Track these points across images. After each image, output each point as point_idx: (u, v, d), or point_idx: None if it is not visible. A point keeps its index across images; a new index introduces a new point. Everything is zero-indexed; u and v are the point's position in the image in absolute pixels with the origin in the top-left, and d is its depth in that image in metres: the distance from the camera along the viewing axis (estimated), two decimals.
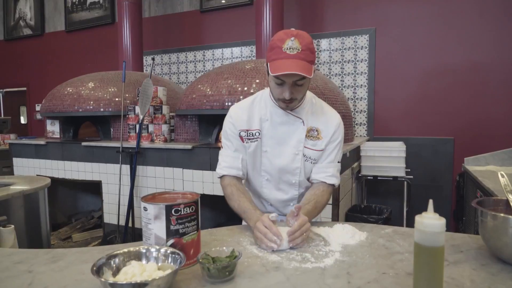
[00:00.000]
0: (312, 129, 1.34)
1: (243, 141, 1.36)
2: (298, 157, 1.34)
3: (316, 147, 1.34)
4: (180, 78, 4.96)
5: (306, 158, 1.35)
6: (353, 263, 0.97)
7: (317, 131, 1.34)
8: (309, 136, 1.34)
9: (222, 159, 1.39)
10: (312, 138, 1.34)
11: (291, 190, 1.41)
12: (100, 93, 3.61)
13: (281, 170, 1.36)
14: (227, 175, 1.36)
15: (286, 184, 1.40)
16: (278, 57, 1.16)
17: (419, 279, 0.77)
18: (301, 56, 1.15)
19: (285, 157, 1.35)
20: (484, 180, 2.19)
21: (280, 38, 1.17)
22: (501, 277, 0.88)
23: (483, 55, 3.42)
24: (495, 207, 1.08)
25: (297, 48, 1.15)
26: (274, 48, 1.18)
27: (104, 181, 3.42)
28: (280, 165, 1.35)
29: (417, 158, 3.65)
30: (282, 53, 1.15)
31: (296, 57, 1.15)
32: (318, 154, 1.35)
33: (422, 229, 0.75)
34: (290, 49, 1.15)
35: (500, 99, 3.37)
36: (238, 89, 2.85)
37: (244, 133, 1.35)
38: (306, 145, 1.34)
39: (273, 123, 1.34)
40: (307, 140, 1.34)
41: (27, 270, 0.94)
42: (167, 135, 3.32)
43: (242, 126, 1.36)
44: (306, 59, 1.16)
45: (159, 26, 5.04)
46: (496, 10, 3.36)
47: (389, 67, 3.81)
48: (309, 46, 1.17)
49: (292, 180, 1.38)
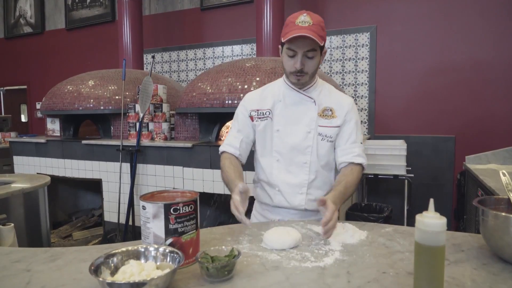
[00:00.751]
0: (326, 108, 1.40)
1: (253, 120, 1.45)
2: (310, 135, 1.39)
3: (332, 124, 1.39)
4: (180, 76, 4.95)
5: (322, 137, 1.40)
6: (353, 262, 0.96)
7: (331, 111, 1.40)
8: (324, 115, 1.40)
9: (227, 138, 1.50)
10: (327, 117, 1.40)
11: (301, 174, 1.41)
12: (100, 91, 3.60)
13: (292, 149, 1.40)
14: (226, 151, 1.46)
15: (297, 166, 1.41)
16: (291, 29, 1.25)
17: (420, 279, 0.76)
18: (312, 28, 1.24)
19: (297, 135, 1.40)
20: (485, 179, 2.18)
21: (294, 15, 1.29)
22: (503, 277, 0.87)
23: (485, 53, 3.40)
24: (497, 206, 1.07)
25: (309, 21, 1.25)
26: (288, 24, 1.29)
27: (104, 179, 3.41)
28: (292, 143, 1.40)
29: (418, 156, 3.64)
30: (295, 26, 1.25)
31: (307, 28, 1.23)
32: (334, 131, 1.40)
33: (423, 229, 0.75)
34: (302, 22, 1.25)
35: (501, 97, 3.36)
36: (238, 87, 2.84)
37: (255, 112, 1.44)
38: (321, 124, 1.39)
39: (286, 104, 1.42)
40: (321, 119, 1.39)
41: (25, 269, 0.93)
42: (167, 133, 3.31)
43: (253, 106, 1.45)
44: (317, 32, 1.24)
45: (159, 24, 5.02)
46: (497, 8, 3.34)
47: (390, 65, 3.80)
48: (320, 23, 1.27)
49: (303, 160, 1.40)
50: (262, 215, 1.54)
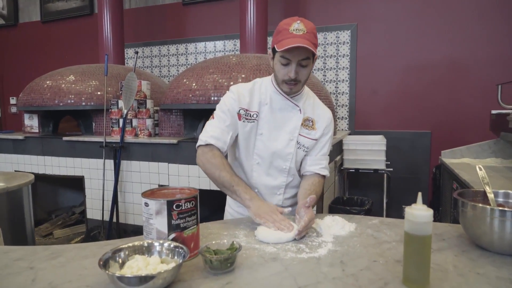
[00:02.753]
0: (308, 119, 1.43)
1: (240, 119, 1.39)
2: (292, 143, 1.41)
3: (310, 136, 1.42)
4: (162, 72, 4.90)
5: (300, 146, 1.42)
6: (346, 252, 1.03)
7: (312, 122, 1.43)
8: (305, 125, 1.42)
9: (211, 129, 1.37)
10: (308, 128, 1.42)
11: (280, 177, 1.45)
12: (81, 86, 3.54)
13: (274, 154, 1.41)
14: (213, 144, 1.35)
15: (276, 169, 1.44)
16: (285, 37, 1.24)
17: (409, 266, 0.83)
18: (307, 37, 1.24)
19: (280, 142, 1.41)
20: (460, 172, 2.31)
21: (287, 22, 1.27)
22: (481, 262, 0.95)
23: (460, 52, 3.56)
24: (474, 198, 1.16)
25: (303, 29, 1.24)
26: (281, 31, 1.27)
27: (87, 176, 3.37)
28: (274, 149, 1.41)
29: (396, 151, 3.78)
30: (289, 34, 1.24)
31: (302, 36, 1.23)
32: (311, 143, 1.43)
33: (412, 220, 0.82)
34: (296, 30, 1.24)
35: (474, 95, 3.53)
36: (224, 84, 2.87)
37: (244, 111, 1.39)
38: (301, 133, 1.41)
39: (272, 108, 1.41)
40: (302, 128, 1.41)
41: (28, 267, 0.94)
42: (151, 130, 3.30)
43: (243, 104, 1.40)
44: (311, 40, 1.24)
45: (141, 18, 4.95)
46: (472, 10, 3.50)
47: (370, 63, 3.91)
48: (313, 30, 1.28)
49: (283, 165, 1.43)
50: (236, 212, 1.54)
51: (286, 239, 1.11)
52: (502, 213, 0.97)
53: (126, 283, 0.77)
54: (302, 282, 0.85)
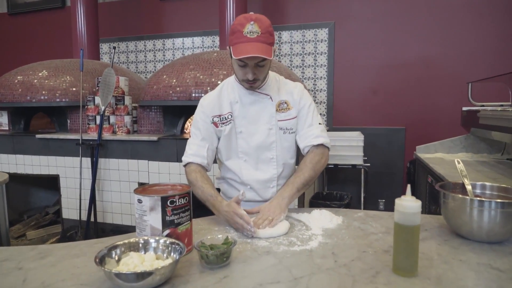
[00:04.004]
0: (281, 102, 1.44)
1: (218, 126, 1.42)
2: (272, 132, 1.43)
3: (289, 116, 1.43)
4: (138, 68, 4.80)
5: (284, 130, 1.43)
6: (336, 244, 1.06)
7: (286, 103, 1.44)
8: (280, 109, 1.43)
9: (189, 147, 1.44)
10: (284, 110, 1.43)
11: (269, 169, 1.46)
12: (55, 82, 3.41)
13: (258, 148, 1.43)
14: (192, 162, 1.40)
15: (264, 162, 1.46)
16: (239, 41, 1.24)
17: (399, 254, 0.87)
18: (261, 39, 1.23)
19: (260, 134, 1.42)
20: (435, 166, 2.41)
21: (240, 22, 1.25)
22: (462, 249, 1.01)
23: (432, 51, 3.70)
24: (453, 190, 1.23)
25: (257, 31, 1.23)
26: (235, 32, 1.25)
27: (62, 175, 3.27)
28: (257, 142, 1.42)
29: (373, 147, 3.88)
30: (243, 37, 1.23)
31: (256, 40, 1.22)
32: (292, 122, 1.44)
33: (402, 210, 0.86)
34: (250, 33, 1.22)
35: (446, 92, 3.68)
36: (205, 80, 2.85)
37: (217, 118, 1.42)
38: (280, 118, 1.43)
39: (243, 104, 1.42)
40: (279, 114, 1.43)
41: (16, 267, 0.92)
42: (130, 127, 3.24)
43: (214, 112, 1.42)
44: (266, 41, 1.24)
45: (116, 13, 4.82)
46: (444, 10, 3.64)
47: (347, 60, 4.00)
48: (268, 29, 1.26)
49: (269, 156, 1.45)
50: None
51: (277, 234, 1.13)
52: (480, 203, 1.03)
53: (125, 280, 0.77)
54: (298, 273, 0.87)
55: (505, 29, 3.48)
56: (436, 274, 0.86)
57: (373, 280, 0.84)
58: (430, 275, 0.86)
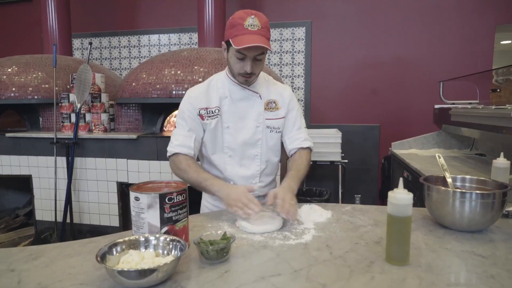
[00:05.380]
0: (270, 101, 1.48)
1: (203, 119, 1.43)
2: (259, 129, 1.46)
3: (277, 115, 1.48)
4: (113, 64, 4.68)
5: (271, 129, 1.48)
6: (329, 237, 1.09)
7: (274, 103, 1.49)
8: (269, 108, 1.47)
9: (175, 138, 1.43)
10: (272, 109, 1.48)
11: (253, 165, 1.49)
12: (25, 78, 3.27)
13: (244, 144, 1.46)
14: (179, 153, 1.40)
15: (248, 158, 1.49)
16: (240, 33, 1.27)
17: (391, 244, 0.91)
18: (261, 33, 1.28)
19: (247, 130, 1.45)
20: (411, 162, 2.52)
21: (241, 16, 1.28)
22: (446, 239, 1.07)
23: (405, 51, 3.84)
24: (435, 183, 1.29)
25: (257, 25, 1.27)
26: (236, 25, 1.28)
27: (35, 175, 3.14)
28: (243, 139, 1.45)
29: (349, 143, 3.98)
30: (244, 29, 1.26)
31: (257, 33, 1.27)
32: (280, 122, 1.49)
33: (395, 202, 0.90)
34: (251, 26, 1.26)
35: (418, 90, 3.84)
36: (186, 78, 2.83)
37: (204, 111, 1.43)
38: (268, 117, 1.47)
39: (232, 100, 1.45)
40: (267, 112, 1.47)
41: (8, 269, 0.89)
42: (107, 125, 3.16)
43: (201, 105, 1.43)
44: (265, 35, 1.29)
45: (88, 6, 4.67)
46: (417, 12, 3.79)
47: (324, 59, 4.08)
48: (266, 24, 1.31)
49: (254, 152, 1.48)
50: (213, 205, 1.56)
51: (271, 229, 1.15)
52: (462, 195, 1.10)
53: (128, 277, 0.77)
54: (297, 266, 0.90)
55: (471, 31, 3.67)
56: (426, 262, 0.91)
57: (368, 269, 0.87)
58: (421, 263, 0.91)
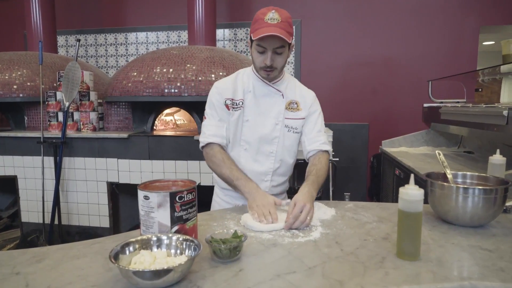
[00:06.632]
0: (292, 101, 1.49)
1: (229, 109, 1.45)
2: (277, 127, 1.47)
3: (297, 116, 1.49)
4: (99, 62, 4.58)
5: (289, 128, 1.49)
6: (337, 234, 1.10)
7: (296, 104, 1.50)
8: (290, 108, 1.49)
9: (207, 129, 1.46)
10: (293, 110, 1.49)
11: (267, 162, 1.50)
12: (9, 76, 3.16)
13: (261, 139, 1.47)
14: (213, 142, 1.43)
15: (263, 154, 1.49)
16: (260, 26, 1.30)
17: (403, 240, 0.92)
18: (281, 26, 1.29)
19: (266, 126, 1.47)
20: (402, 159, 2.56)
21: (262, 12, 1.32)
22: (451, 234, 1.09)
23: (393, 51, 3.90)
24: (436, 179, 1.31)
25: (277, 19, 1.29)
26: (257, 20, 1.32)
27: (20, 176, 3.04)
28: (261, 134, 1.46)
29: (338, 142, 4.02)
30: (264, 23, 1.29)
31: (276, 25, 1.28)
32: (299, 123, 1.50)
33: (406, 198, 0.91)
34: (271, 19, 1.29)
35: (406, 89, 3.90)
36: (178, 76, 2.79)
37: (230, 101, 1.45)
38: (287, 116, 1.48)
39: (255, 95, 1.47)
40: (287, 112, 1.48)
41: (13, 273, 0.85)
42: (96, 124, 3.09)
43: (228, 95, 1.45)
44: (285, 29, 1.30)
45: (73, 2, 4.55)
46: (404, 12, 3.85)
47: (313, 58, 4.10)
48: (288, 19, 1.32)
49: (269, 149, 1.49)
50: (224, 201, 1.60)
51: (279, 227, 1.14)
52: (465, 191, 1.12)
53: (144, 278, 0.75)
54: (310, 263, 0.90)
55: (456, 31, 3.76)
56: (436, 257, 0.92)
57: (381, 265, 0.88)
58: (431, 258, 0.92)
